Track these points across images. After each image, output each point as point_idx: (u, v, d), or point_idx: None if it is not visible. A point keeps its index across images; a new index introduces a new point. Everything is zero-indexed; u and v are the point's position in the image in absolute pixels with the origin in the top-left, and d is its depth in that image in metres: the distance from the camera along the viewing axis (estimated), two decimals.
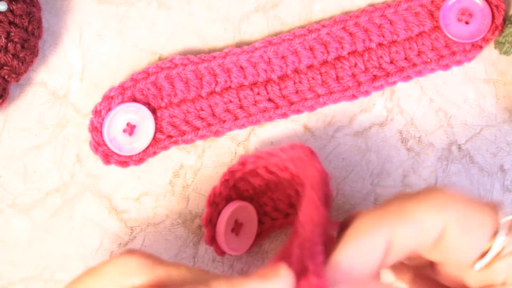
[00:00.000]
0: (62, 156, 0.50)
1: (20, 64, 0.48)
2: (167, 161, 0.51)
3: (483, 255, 0.37)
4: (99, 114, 0.49)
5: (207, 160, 0.51)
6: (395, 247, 0.35)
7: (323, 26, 0.51)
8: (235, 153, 0.51)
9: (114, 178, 0.50)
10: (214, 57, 0.50)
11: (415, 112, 0.52)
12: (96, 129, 0.49)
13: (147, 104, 0.49)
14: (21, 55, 0.48)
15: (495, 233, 0.37)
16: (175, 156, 0.51)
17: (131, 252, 0.35)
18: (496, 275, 0.37)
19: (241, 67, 0.50)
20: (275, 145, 0.51)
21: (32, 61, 0.49)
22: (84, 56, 0.51)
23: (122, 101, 0.49)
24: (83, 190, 0.50)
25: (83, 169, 0.50)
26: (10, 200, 0.50)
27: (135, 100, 0.49)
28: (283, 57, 0.50)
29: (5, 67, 0.47)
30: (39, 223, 0.50)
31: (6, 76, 0.48)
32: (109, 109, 0.49)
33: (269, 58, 0.50)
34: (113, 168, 0.50)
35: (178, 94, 0.50)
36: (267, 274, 0.34)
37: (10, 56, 0.47)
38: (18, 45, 0.47)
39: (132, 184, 0.50)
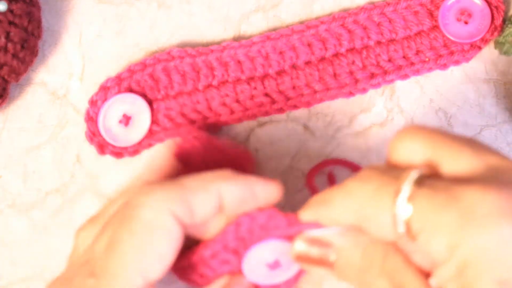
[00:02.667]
0: (62, 156, 0.50)
1: (19, 64, 0.48)
2: None
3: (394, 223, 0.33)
4: (95, 104, 0.49)
5: None
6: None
7: (322, 22, 0.51)
8: None
9: (114, 178, 0.50)
10: (212, 51, 0.50)
11: (415, 112, 0.52)
12: (91, 119, 0.49)
13: (144, 96, 0.50)
14: (21, 55, 0.48)
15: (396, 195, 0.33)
16: None
17: None
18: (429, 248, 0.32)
19: (239, 61, 0.50)
20: (275, 145, 0.51)
21: (32, 61, 0.49)
22: (84, 56, 0.51)
23: (119, 92, 0.49)
24: (83, 190, 0.50)
25: (83, 169, 0.50)
26: (10, 200, 0.50)
27: (131, 91, 0.49)
28: (281, 53, 0.51)
29: (5, 67, 0.47)
30: (39, 223, 0.50)
31: (6, 76, 0.48)
32: (105, 100, 0.49)
33: (267, 53, 0.51)
34: (113, 168, 0.50)
35: (175, 86, 0.50)
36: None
37: (10, 56, 0.47)
38: (18, 45, 0.47)
39: None
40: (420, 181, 0.33)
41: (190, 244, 0.41)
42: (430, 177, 0.33)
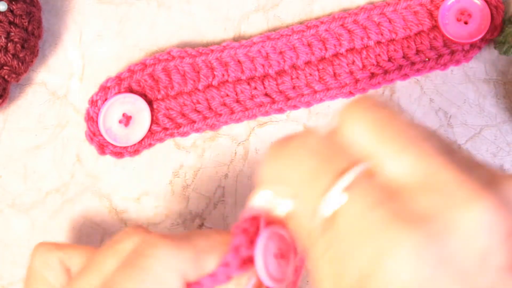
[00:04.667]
0: (62, 156, 0.50)
1: (20, 64, 0.48)
2: (167, 161, 0.51)
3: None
4: (95, 104, 0.49)
5: (207, 160, 0.51)
6: None
7: (322, 22, 0.51)
8: (235, 153, 0.51)
9: (114, 178, 0.50)
10: (212, 51, 0.50)
11: (415, 112, 0.52)
12: (91, 119, 0.49)
13: (144, 96, 0.50)
14: (21, 55, 0.48)
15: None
16: (175, 156, 0.51)
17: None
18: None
19: (239, 61, 0.50)
20: None
21: (32, 61, 0.49)
22: (84, 56, 0.51)
23: (119, 92, 0.49)
24: (83, 190, 0.50)
25: (83, 169, 0.50)
26: (10, 200, 0.50)
27: (131, 91, 0.49)
28: (281, 53, 0.51)
29: (5, 67, 0.47)
30: (39, 223, 0.50)
31: (6, 76, 0.48)
32: (106, 99, 0.49)
33: (267, 53, 0.51)
34: (113, 168, 0.50)
35: (175, 86, 0.50)
36: None
37: (10, 56, 0.47)
38: (18, 45, 0.47)
39: (132, 184, 0.50)
40: (361, 178, 0.31)
41: None
42: (372, 175, 0.32)
